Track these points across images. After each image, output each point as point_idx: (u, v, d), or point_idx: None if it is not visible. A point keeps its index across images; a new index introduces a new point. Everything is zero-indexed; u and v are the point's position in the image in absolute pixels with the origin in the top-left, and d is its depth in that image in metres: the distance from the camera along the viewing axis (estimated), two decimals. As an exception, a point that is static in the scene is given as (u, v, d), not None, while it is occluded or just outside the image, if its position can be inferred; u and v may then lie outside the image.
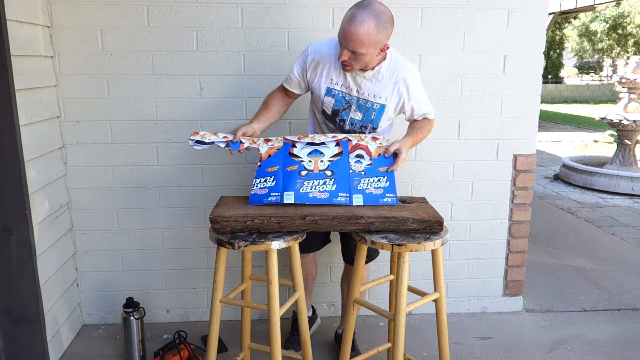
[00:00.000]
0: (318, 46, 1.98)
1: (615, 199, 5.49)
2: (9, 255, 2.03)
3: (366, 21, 1.70)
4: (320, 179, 1.85)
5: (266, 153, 1.94)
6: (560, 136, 10.39)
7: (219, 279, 1.83)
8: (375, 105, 1.96)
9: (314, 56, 1.97)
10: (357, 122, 2.01)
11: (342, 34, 1.76)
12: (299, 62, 2.01)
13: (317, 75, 1.98)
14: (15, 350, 2.10)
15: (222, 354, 2.35)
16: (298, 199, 1.80)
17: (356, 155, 1.93)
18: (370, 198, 1.84)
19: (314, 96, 2.06)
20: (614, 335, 2.63)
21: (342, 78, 1.95)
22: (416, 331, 2.62)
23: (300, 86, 2.05)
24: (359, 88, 1.95)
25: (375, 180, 1.87)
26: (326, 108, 2.01)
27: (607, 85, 19.09)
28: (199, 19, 2.38)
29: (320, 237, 2.29)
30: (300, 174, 1.86)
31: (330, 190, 1.81)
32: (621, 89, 6.16)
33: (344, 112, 2.00)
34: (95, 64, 2.38)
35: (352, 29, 1.72)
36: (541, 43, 2.56)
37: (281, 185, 1.83)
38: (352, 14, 1.73)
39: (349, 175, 1.86)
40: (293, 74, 2.02)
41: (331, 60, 1.94)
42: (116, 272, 2.63)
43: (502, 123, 2.62)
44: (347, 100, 1.98)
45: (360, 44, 1.73)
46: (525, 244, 2.80)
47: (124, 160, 2.50)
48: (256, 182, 1.87)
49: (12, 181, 1.98)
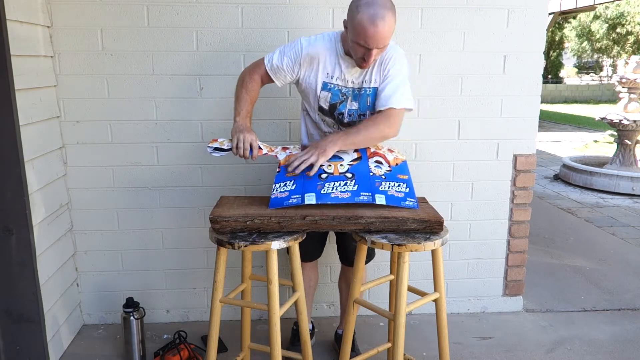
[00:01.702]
0: (312, 41, 1.94)
1: (616, 199, 5.49)
2: (9, 255, 2.03)
3: (386, 16, 1.72)
4: (340, 180, 1.82)
5: (285, 159, 1.92)
6: (560, 136, 10.39)
7: (219, 279, 1.83)
8: (368, 90, 1.95)
9: (308, 51, 1.92)
10: (355, 112, 1.99)
11: (367, 38, 1.73)
12: (290, 54, 1.93)
13: (312, 71, 1.95)
14: (15, 350, 2.10)
15: (222, 354, 2.35)
16: (319, 199, 1.76)
17: (375, 161, 1.92)
18: (392, 199, 1.80)
19: (306, 93, 2.01)
20: (614, 335, 2.63)
21: (338, 71, 1.94)
22: (416, 331, 2.62)
23: (285, 78, 1.98)
24: (354, 79, 1.95)
25: (395, 184, 1.85)
26: (323, 103, 1.99)
27: (607, 85, 19.09)
28: (199, 19, 2.38)
29: (319, 242, 2.27)
30: (320, 177, 1.83)
31: (352, 190, 1.78)
32: (621, 89, 6.16)
33: (341, 104, 1.98)
34: (95, 64, 2.38)
35: (379, 29, 1.71)
36: (541, 43, 2.56)
37: (301, 188, 1.80)
38: (372, 16, 1.70)
39: (369, 177, 1.84)
40: (281, 64, 1.94)
41: (326, 53, 1.92)
42: (116, 272, 2.63)
43: (502, 123, 2.62)
44: (343, 92, 1.97)
45: (387, 38, 1.77)
46: (525, 244, 2.80)
47: (124, 160, 2.50)
48: (276, 187, 1.84)
49: (12, 181, 1.98)
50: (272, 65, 1.96)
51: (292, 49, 1.94)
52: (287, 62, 1.95)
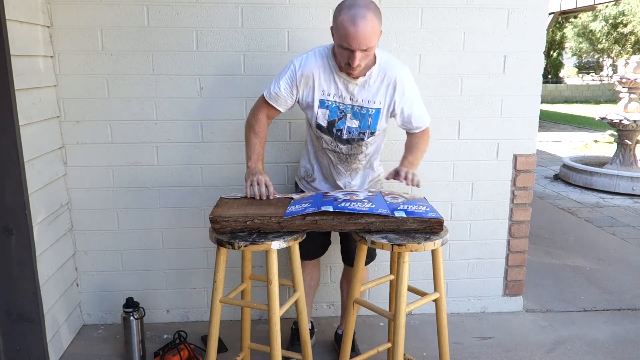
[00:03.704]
0: (304, 60, 1.94)
1: (616, 199, 5.49)
2: (9, 255, 2.03)
3: (368, 16, 1.71)
4: (358, 202, 1.80)
5: (299, 197, 1.95)
6: (560, 136, 10.39)
7: (219, 279, 1.83)
8: (371, 110, 1.95)
9: (302, 71, 1.92)
10: (355, 129, 1.98)
11: (349, 39, 1.73)
12: (286, 78, 1.94)
13: (309, 90, 1.95)
14: (15, 350, 2.10)
15: (222, 354, 2.35)
16: (337, 208, 1.75)
17: (390, 195, 1.95)
18: (412, 214, 1.77)
19: (306, 112, 2.02)
20: (614, 335, 2.63)
21: (334, 88, 1.93)
22: (416, 331, 2.62)
23: (286, 103, 1.99)
24: (352, 95, 1.94)
25: (414, 205, 1.84)
26: (321, 121, 1.98)
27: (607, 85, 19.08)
28: (199, 19, 2.38)
29: (322, 241, 2.27)
30: (337, 200, 1.82)
31: (370, 207, 1.77)
32: (621, 88, 6.16)
33: (339, 121, 1.97)
34: (95, 64, 2.38)
35: (360, 29, 1.70)
36: (541, 43, 2.56)
37: (318, 205, 1.78)
38: (352, 16, 1.71)
39: (387, 203, 1.84)
40: (279, 90, 1.95)
41: (319, 71, 1.92)
42: (116, 272, 2.63)
43: (502, 123, 2.62)
44: (341, 109, 1.96)
45: (370, 39, 1.74)
46: (525, 244, 2.80)
47: (124, 160, 2.50)
48: (291, 208, 1.82)
49: (12, 181, 1.98)
50: (270, 94, 1.98)
51: (287, 73, 1.95)
52: (284, 87, 1.95)
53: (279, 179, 2.58)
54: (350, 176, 2.12)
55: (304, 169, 2.23)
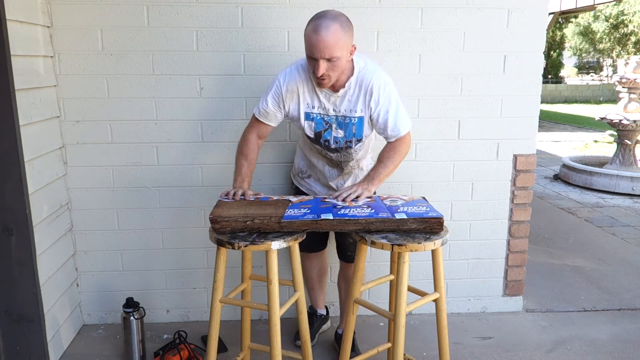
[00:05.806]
0: (287, 75, 1.98)
1: (615, 199, 5.49)
2: (9, 255, 2.03)
3: (331, 25, 1.74)
4: (358, 208, 1.81)
5: (298, 200, 1.96)
6: (560, 136, 10.39)
7: (219, 279, 1.83)
8: (354, 119, 1.98)
9: (287, 86, 1.97)
10: (341, 139, 2.02)
11: (312, 47, 1.76)
12: (272, 94, 1.99)
13: (295, 104, 2.00)
14: (15, 350, 2.10)
15: (222, 354, 2.35)
16: (337, 216, 1.76)
17: (389, 199, 1.96)
18: (414, 215, 1.78)
19: (295, 123, 2.08)
20: (614, 335, 2.63)
21: (317, 100, 1.98)
22: (416, 331, 2.62)
23: (276, 118, 2.04)
24: (334, 107, 1.98)
25: (414, 207, 1.86)
26: (308, 132, 2.04)
27: (607, 85, 19.09)
28: (199, 19, 2.38)
29: (322, 236, 2.32)
30: (336, 207, 1.84)
31: (370, 212, 1.78)
32: (621, 89, 6.16)
33: (326, 132, 2.02)
34: (95, 64, 2.38)
35: (321, 37, 1.73)
36: (541, 43, 2.56)
37: (317, 212, 1.79)
38: (315, 25, 1.75)
39: (386, 207, 1.85)
40: (267, 107, 2.00)
41: (303, 84, 1.96)
42: (116, 272, 2.63)
43: (502, 123, 2.62)
44: (326, 120, 2.00)
45: (333, 48, 1.75)
46: (525, 244, 2.80)
47: (124, 160, 2.50)
48: (288, 211, 1.82)
49: (12, 181, 1.98)
50: (259, 111, 2.03)
51: (273, 89, 2.00)
52: (271, 103, 2.00)
53: (279, 179, 2.58)
54: (342, 178, 2.19)
55: (297, 167, 2.31)
